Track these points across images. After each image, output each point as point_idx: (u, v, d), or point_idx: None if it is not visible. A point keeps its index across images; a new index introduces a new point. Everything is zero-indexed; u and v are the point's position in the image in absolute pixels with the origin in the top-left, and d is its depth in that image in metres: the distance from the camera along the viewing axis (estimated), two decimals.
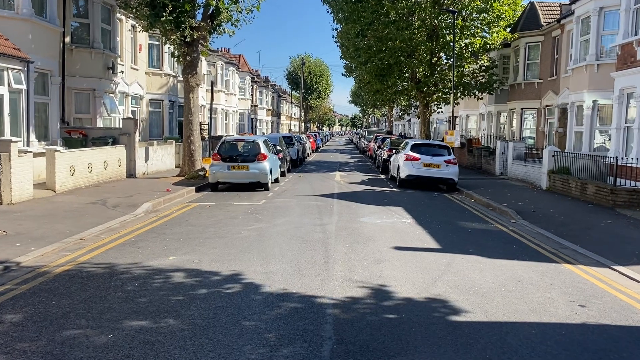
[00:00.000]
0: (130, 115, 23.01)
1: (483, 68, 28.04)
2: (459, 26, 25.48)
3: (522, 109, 27.64)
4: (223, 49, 47.63)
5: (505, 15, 26.14)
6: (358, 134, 72.99)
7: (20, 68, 14.76)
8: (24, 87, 14.95)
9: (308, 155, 36.84)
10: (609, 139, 18.32)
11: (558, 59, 24.30)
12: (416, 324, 5.57)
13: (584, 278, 7.63)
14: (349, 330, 5.32)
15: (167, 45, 22.56)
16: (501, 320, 5.79)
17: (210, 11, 19.09)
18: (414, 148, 18.75)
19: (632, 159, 14.75)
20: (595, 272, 7.95)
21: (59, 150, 14.43)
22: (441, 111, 32.22)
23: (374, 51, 27.80)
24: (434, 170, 18.19)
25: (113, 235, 9.65)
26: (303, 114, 75.00)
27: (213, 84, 24.26)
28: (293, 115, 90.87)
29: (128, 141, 18.66)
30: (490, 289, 6.91)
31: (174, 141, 23.91)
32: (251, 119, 53.07)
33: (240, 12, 19.80)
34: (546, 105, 25.54)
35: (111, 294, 6.31)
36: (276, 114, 72.81)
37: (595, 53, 18.96)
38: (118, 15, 22.00)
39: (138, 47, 25.12)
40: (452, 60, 25.22)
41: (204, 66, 33.66)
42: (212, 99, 23.58)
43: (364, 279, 7.17)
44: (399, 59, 27.23)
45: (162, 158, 22.10)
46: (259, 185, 16.75)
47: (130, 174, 18.69)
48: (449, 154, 18.58)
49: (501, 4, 25.60)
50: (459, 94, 27.85)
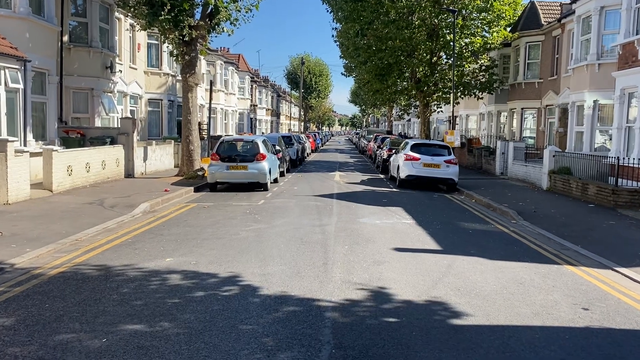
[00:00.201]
0: (128, 115, 22.89)
1: (483, 68, 27.95)
2: (459, 25, 25.37)
3: (523, 108, 27.53)
4: (222, 48, 47.41)
5: (505, 15, 26.06)
6: (358, 133, 72.87)
7: (17, 67, 14.65)
8: (21, 86, 14.84)
9: (307, 155, 36.74)
10: (610, 139, 18.22)
11: (558, 58, 24.21)
12: (417, 327, 5.47)
13: (587, 280, 7.52)
14: (348, 335, 5.21)
15: (166, 45, 22.45)
16: (503, 323, 5.68)
17: (209, 10, 18.97)
18: (414, 148, 18.64)
19: (634, 159, 14.65)
20: (598, 274, 7.84)
21: (56, 150, 14.33)
22: (441, 111, 32.12)
23: (374, 50, 27.69)
24: (434, 170, 18.08)
25: (110, 236, 9.55)
26: (302, 113, 74.86)
27: (212, 84, 24.12)
28: (292, 115, 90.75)
29: (126, 141, 18.54)
30: (491, 291, 6.81)
31: (173, 141, 23.80)
32: (250, 118, 52.92)
33: (239, 11, 19.70)
34: (546, 105, 25.44)
35: (106, 296, 6.20)
36: (276, 113, 72.66)
37: (596, 52, 18.86)
38: (116, 14, 21.88)
39: (137, 47, 25.00)
40: (452, 59, 25.13)
41: (203, 65, 33.55)
42: (211, 99, 23.46)
43: (364, 281, 7.07)
44: (398, 59, 27.12)
45: (161, 158, 21.99)
46: (257, 186, 16.64)
47: (129, 173, 18.58)
48: (449, 154, 18.46)
49: (501, 3, 25.52)
50: (459, 94, 27.75)
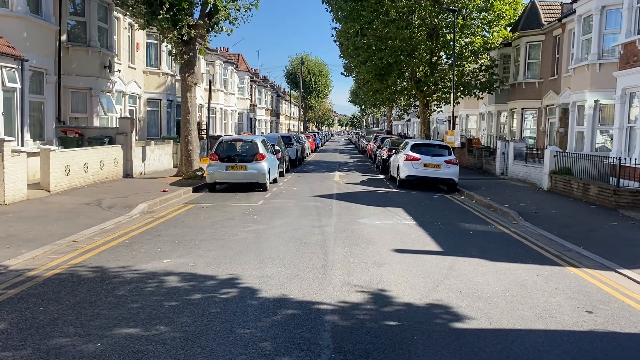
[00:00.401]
0: (127, 115, 22.76)
1: (483, 67, 27.86)
2: (459, 25, 25.28)
3: (523, 108, 27.44)
4: (222, 48, 47.30)
5: (505, 14, 25.98)
6: (357, 133, 72.80)
7: (14, 66, 14.54)
8: (18, 86, 14.73)
9: (307, 155, 36.63)
10: (611, 139, 18.13)
11: (559, 58, 24.11)
12: (418, 331, 5.36)
13: (590, 282, 7.42)
14: (347, 338, 5.11)
15: (165, 44, 22.32)
16: (506, 327, 5.58)
17: (208, 9, 18.86)
18: (414, 148, 18.54)
19: (636, 159, 14.56)
20: (601, 276, 7.74)
21: (54, 150, 14.22)
22: (441, 111, 32.02)
23: (374, 50, 27.59)
24: (434, 170, 17.99)
25: (107, 237, 9.44)
26: (302, 113, 74.74)
27: (211, 83, 24.02)
28: (292, 115, 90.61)
29: (125, 141, 18.43)
30: (494, 293, 6.70)
31: (172, 141, 23.67)
32: (250, 118, 52.81)
33: (239, 10, 19.60)
34: (547, 105, 25.35)
35: (102, 299, 6.10)
36: (275, 113, 72.54)
37: (597, 52, 18.77)
38: (115, 13, 21.76)
39: (135, 46, 24.87)
40: (452, 59, 25.04)
41: (202, 65, 33.43)
42: (210, 98, 23.36)
43: (364, 283, 6.96)
44: (398, 58, 27.03)
45: (160, 158, 21.88)
46: (257, 186, 16.53)
47: (127, 174, 18.47)
48: (450, 154, 18.36)
49: (502, 2, 25.44)
50: (459, 94, 27.65)
